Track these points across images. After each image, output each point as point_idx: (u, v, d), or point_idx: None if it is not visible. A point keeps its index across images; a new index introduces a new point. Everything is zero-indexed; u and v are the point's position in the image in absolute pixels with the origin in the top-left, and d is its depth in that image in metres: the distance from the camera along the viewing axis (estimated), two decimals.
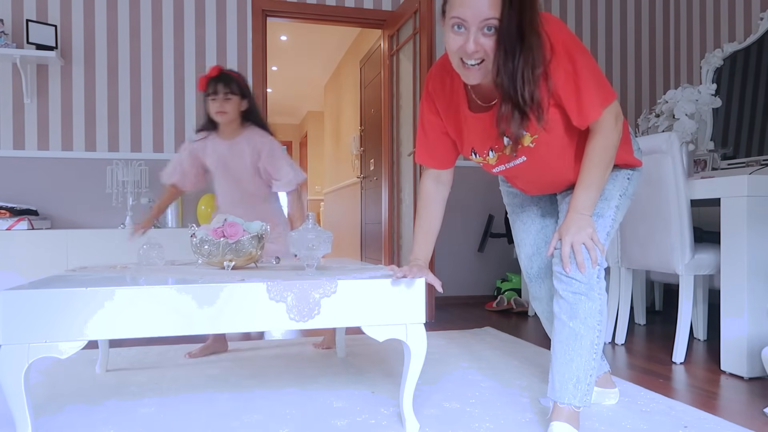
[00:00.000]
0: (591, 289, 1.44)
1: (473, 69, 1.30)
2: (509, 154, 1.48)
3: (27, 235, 3.09)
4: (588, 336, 1.45)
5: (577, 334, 1.45)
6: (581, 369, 1.45)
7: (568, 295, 1.46)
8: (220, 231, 1.74)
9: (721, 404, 1.82)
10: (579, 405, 1.45)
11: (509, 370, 2.19)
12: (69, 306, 1.37)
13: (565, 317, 1.46)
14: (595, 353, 1.46)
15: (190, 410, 1.74)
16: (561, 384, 1.46)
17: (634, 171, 1.59)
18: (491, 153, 1.51)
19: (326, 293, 1.50)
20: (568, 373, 1.45)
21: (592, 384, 1.47)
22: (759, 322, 2.10)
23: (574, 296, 1.45)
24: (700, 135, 3.60)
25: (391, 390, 1.93)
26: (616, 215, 1.54)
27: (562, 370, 1.46)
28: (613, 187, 1.54)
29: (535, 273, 1.74)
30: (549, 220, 1.73)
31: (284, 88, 8.77)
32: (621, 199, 1.55)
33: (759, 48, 3.50)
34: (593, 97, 1.34)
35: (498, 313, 3.66)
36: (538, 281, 1.74)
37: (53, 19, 3.49)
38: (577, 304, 1.45)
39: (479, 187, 4.17)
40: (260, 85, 3.80)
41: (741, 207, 2.10)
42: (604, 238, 1.51)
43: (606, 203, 1.53)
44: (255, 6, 3.79)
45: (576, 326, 1.45)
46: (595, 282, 1.44)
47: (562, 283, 1.46)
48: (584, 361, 1.45)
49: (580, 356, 1.45)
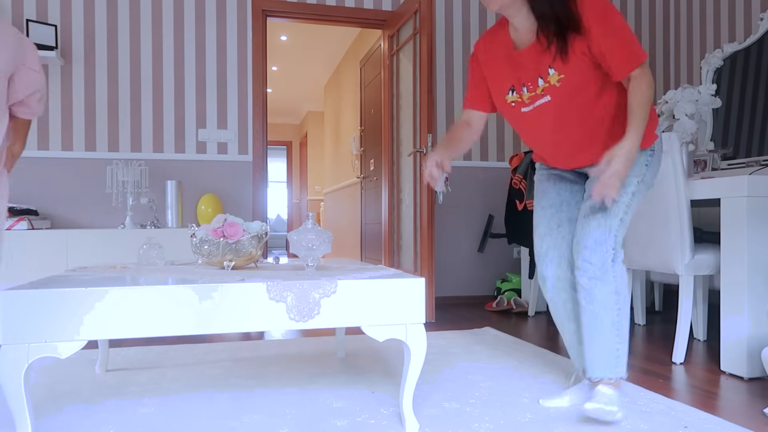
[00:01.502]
0: (605, 272, 1.63)
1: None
2: (539, 92, 1.66)
3: (27, 235, 3.09)
4: (607, 316, 1.64)
5: (596, 316, 1.65)
6: (606, 346, 1.64)
7: (585, 281, 1.66)
8: (220, 231, 1.74)
9: (721, 404, 1.82)
10: (612, 377, 1.65)
11: (509, 370, 2.19)
12: (69, 306, 1.37)
13: (585, 302, 1.67)
14: (617, 330, 1.64)
15: (190, 410, 1.74)
16: (591, 362, 1.67)
17: (652, 156, 1.71)
18: (524, 90, 1.69)
19: (326, 293, 1.50)
20: (596, 352, 1.65)
21: (621, 357, 1.65)
22: (759, 322, 2.10)
23: (590, 281, 1.64)
24: (700, 135, 3.60)
25: (391, 390, 1.93)
26: (632, 201, 1.67)
27: (590, 350, 1.67)
28: (631, 172, 1.66)
29: (544, 251, 1.87)
30: (563, 207, 1.86)
31: (284, 88, 8.77)
32: (638, 185, 1.68)
33: (759, 48, 3.50)
34: (630, 53, 1.54)
35: (498, 313, 3.66)
36: (546, 259, 1.86)
37: (53, 19, 3.49)
38: (593, 289, 1.64)
39: (479, 188, 4.17)
40: (260, 85, 3.80)
41: (741, 207, 2.10)
42: (617, 223, 1.65)
43: (623, 189, 1.65)
44: (255, 6, 3.79)
45: (595, 309, 1.65)
46: (610, 266, 1.63)
47: (580, 270, 1.66)
48: (606, 338, 1.64)
49: (602, 335, 1.64)
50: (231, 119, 3.76)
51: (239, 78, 3.77)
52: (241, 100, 3.78)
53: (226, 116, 3.75)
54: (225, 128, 3.75)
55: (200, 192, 3.70)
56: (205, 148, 3.72)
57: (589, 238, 1.65)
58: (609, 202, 1.53)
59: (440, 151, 1.72)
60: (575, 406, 1.75)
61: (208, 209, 3.47)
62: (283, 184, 11.45)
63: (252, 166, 3.79)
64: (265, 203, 3.85)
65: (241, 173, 3.78)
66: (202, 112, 3.72)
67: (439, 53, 4.10)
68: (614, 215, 1.64)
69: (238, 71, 3.77)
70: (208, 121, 3.72)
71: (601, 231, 1.64)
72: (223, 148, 3.75)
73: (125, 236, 3.24)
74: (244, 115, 3.78)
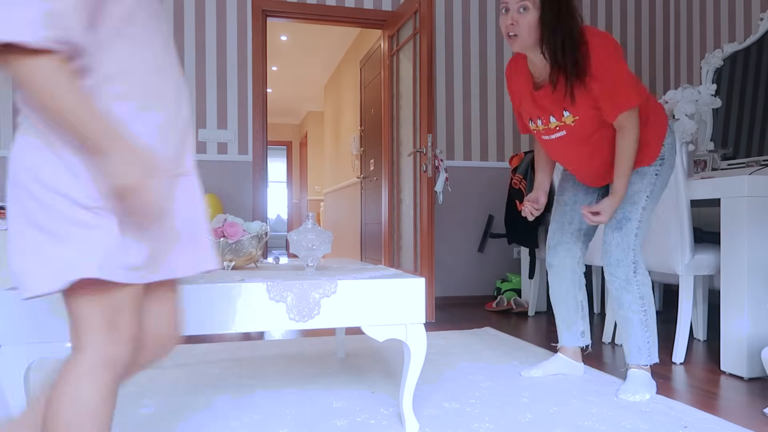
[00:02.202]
0: (629, 283, 1.92)
1: (512, 39, 1.78)
2: (552, 127, 1.91)
3: None
4: (635, 318, 1.94)
5: (626, 318, 1.96)
6: (638, 341, 1.95)
7: (613, 290, 1.97)
8: (220, 231, 1.74)
9: (721, 404, 1.82)
10: (645, 363, 1.95)
11: (509, 370, 2.19)
12: None
13: (617, 307, 1.98)
14: (646, 327, 1.94)
15: (190, 410, 1.74)
16: (628, 352, 1.98)
17: (662, 164, 1.91)
18: (540, 123, 1.95)
19: (326, 293, 1.50)
20: (631, 345, 1.96)
21: (652, 347, 1.95)
22: (759, 322, 2.10)
23: (617, 291, 1.95)
24: (700, 135, 3.60)
25: (391, 390, 1.93)
26: (643, 215, 1.91)
27: (627, 343, 1.98)
28: (639, 188, 1.90)
29: (553, 244, 2.15)
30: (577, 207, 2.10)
31: (284, 88, 8.77)
32: (648, 200, 1.91)
33: (759, 48, 3.50)
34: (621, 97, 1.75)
35: (498, 313, 3.66)
36: (554, 251, 2.14)
37: None
38: (621, 297, 1.95)
39: (479, 188, 4.17)
40: (260, 85, 3.80)
41: (741, 207, 2.10)
42: (633, 240, 1.91)
43: (633, 207, 1.90)
44: (255, 6, 3.79)
45: (625, 313, 1.96)
46: (632, 277, 1.91)
47: (608, 280, 1.98)
48: (638, 335, 1.95)
49: (634, 332, 1.95)
50: (231, 119, 3.76)
51: (239, 78, 3.77)
52: (241, 100, 3.78)
53: (226, 116, 3.76)
54: (225, 128, 3.75)
55: None
56: (205, 148, 3.72)
57: (611, 257, 1.94)
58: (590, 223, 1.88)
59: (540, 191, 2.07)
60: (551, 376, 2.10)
61: (208, 209, 3.47)
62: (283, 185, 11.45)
63: (252, 166, 3.79)
64: (265, 203, 3.85)
65: (241, 173, 3.78)
66: (202, 112, 3.72)
67: (439, 53, 4.10)
68: (630, 233, 1.90)
69: (238, 71, 3.77)
70: (208, 121, 3.72)
71: (620, 250, 1.92)
72: (223, 148, 3.75)
73: None
74: (244, 115, 3.78)
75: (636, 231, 1.90)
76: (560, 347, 2.20)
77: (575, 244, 2.11)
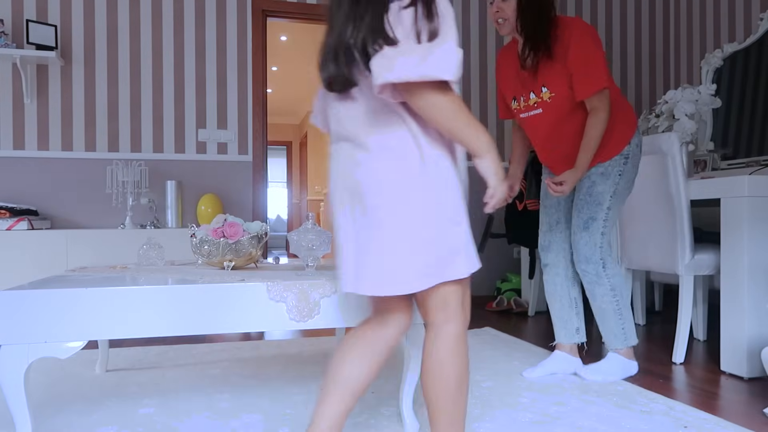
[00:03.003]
0: (599, 277, 2.06)
1: (500, 24, 1.99)
2: (531, 104, 2.05)
3: (27, 236, 3.09)
4: (608, 308, 2.09)
5: (600, 309, 2.11)
6: (613, 328, 2.11)
7: (586, 284, 2.11)
8: (220, 231, 1.74)
9: (721, 404, 1.82)
10: (620, 347, 2.11)
11: (509, 370, 2.19)
12: (69, 306, 1.37)
13: (590, 299, 2.13)
14: (619, 316, 2.09)
15: (190, 410, 1.74)
16: (605, 337, 2.14)
17: (626, 163, 2.02)
18: (522, 100, 2.08)
19: (326, 293, 1.50)
20: (606, 331, 2.13)
21: (627, 332, 2.11)
22: (759, 322, 2.10)
23: (589, 285, 2.10)
24: (700, 135, 3.60)
25: (391, 390, 1.93)
26: (608, 215, 2.03)
27: (603, 330, 2.14)
28: (604, 189, 2.02)
29: (546, 245, 2.25)
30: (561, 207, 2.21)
31: (284, 88, 8.76)
32: (612, 200, 2.03)
33: (759, 48, 3.50)
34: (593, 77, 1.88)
35: (498, 313, 3.66)
36: (547, 251, 2.25)
37: (53, 19, 3.49)
38: (593, 290, 2.09)
39: (479, 188, 4.16)
40: (260, 85, 3.80)
41: (741, 207, 2.10)
42: (599, 238, 2.04)
43: (598, 207, 2.03)
44: (255, 6, 3.79)
45: (598, 304, 2.11)
46: (602, 272, 2.05)
47: (581, 275, 2.11)
48: (612, 322, 2.10)
49: (608, 320, 2.11)
50: (231, 119, 3.76)
51: (239, 78, 3.77)
52: (241, 100, 3.78)
53: (226, 116, 3.75)
54: (225, 128, 3.75)
55: (200, 192, 3.70)
56: (205, 148, 3.72)
57: (580, 255, 2.07)
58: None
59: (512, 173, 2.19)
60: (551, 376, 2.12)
61: (208, 209, 3.47)
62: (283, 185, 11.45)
63: (252, 166, 3.79)
64: (265, 203, 3.85)
65: (241, 173, 3.78)
66: (202, 112, 3.72)
67: None
68: (596, 231, 2.03)
69: (237, 71, 3.77)
70: (208, 121, 3.72)
71: (588, 248, 2.05)
72: (223, 148, 3.75)
73: (125, 236, 3.24)
74: (244, 115, 3.78)
75: (602, 230, 2.03)
76: (557, 344, 2.23)
77: (566, 242, 2.20)
